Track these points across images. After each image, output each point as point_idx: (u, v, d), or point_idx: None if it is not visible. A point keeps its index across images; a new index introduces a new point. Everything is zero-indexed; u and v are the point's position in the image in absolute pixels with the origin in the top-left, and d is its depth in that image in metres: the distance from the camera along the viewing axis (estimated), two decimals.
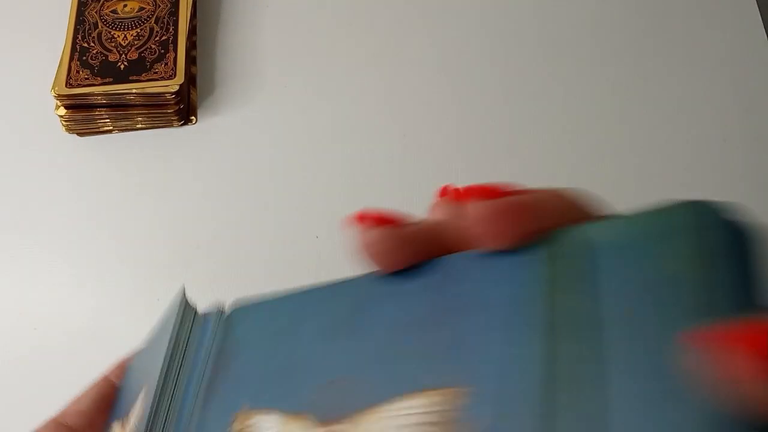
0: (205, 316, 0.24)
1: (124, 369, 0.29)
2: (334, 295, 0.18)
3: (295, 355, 0.18)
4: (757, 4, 0.61)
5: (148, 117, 0.55)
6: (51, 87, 0.53)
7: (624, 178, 0.54)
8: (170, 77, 0.54)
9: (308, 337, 0.18)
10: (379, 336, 0.16)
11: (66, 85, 0.53)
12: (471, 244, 0.16)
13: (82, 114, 0.54)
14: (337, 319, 0.18)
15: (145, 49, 0.55)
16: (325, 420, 0.16)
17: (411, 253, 0.17)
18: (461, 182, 0.58)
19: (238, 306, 0.22)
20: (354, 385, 0.16)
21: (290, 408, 0.17)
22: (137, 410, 0.24)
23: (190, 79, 0.57)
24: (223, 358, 0.20)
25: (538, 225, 0.15)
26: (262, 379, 0.18)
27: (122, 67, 0.54)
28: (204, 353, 0.22)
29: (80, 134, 0.56)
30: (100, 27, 0.57)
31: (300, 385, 0.17)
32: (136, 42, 0.56)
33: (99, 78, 0.53)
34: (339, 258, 0.51)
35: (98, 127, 0.55)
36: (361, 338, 0.17)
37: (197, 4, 0.62)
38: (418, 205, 0.61)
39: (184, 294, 0.24)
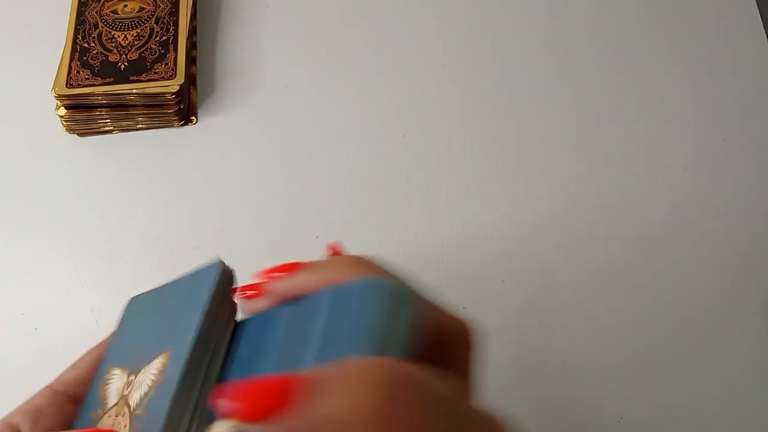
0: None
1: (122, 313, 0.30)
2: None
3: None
4: (757, 5, 0.61)
5: (148, 117, 0.55)
6: (51, 87, 0.53)
7: (624, 178, 0.54)
8: (170, 77, 0.54)
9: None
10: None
11: (66, 86, 0.53)
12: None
13: (82, 114, 0.54)
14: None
15: (146, 50, 0.55)
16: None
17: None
18: (461, 182, 0.58)
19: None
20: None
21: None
22: (155, 371, 0.25)
23: (191, 79, 0.57)
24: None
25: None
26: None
27: (122, 67, 0.54)
28: None
29: (81, 134, 0.56)
30: (100, 27, 0.57)
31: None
32: (136, 42, 0.56)
33: (99, 78, 0.53)
34: None
35: (99, 128, 0.55)
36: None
37: (197, 4, 0.62)
38: (417, 204, 0.61)
39: (222, 264, 0.28)
